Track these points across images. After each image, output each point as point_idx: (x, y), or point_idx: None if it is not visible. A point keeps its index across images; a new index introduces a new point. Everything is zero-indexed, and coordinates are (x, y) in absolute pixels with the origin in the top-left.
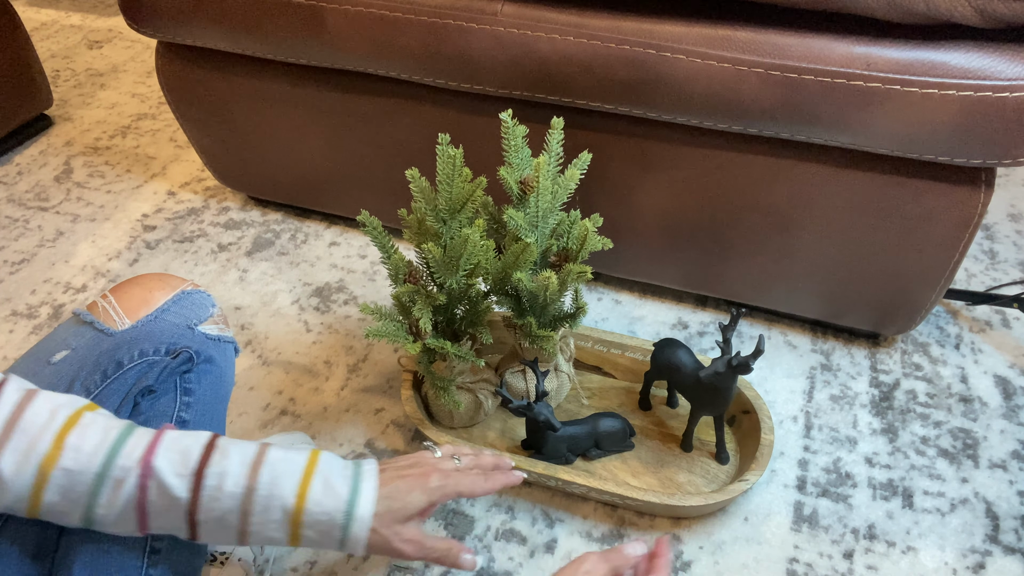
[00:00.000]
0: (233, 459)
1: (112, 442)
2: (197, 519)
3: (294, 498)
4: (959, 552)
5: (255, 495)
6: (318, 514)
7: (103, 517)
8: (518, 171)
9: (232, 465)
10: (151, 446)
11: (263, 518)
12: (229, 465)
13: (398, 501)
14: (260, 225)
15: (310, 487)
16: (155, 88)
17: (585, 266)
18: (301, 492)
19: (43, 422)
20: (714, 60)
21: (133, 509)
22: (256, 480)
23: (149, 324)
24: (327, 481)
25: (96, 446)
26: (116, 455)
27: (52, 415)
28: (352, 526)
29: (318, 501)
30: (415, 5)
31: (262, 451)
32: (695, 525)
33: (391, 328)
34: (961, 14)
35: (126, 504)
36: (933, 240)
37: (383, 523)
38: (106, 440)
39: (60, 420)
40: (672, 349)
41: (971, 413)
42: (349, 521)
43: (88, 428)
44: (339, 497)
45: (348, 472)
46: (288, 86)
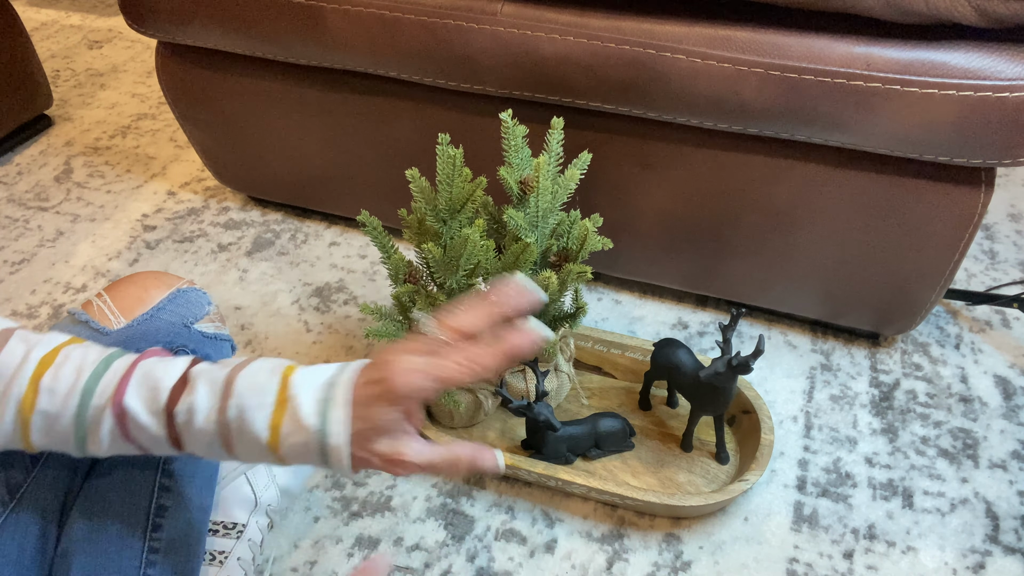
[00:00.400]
0: (200, 392)
1: (85, 381)
2: (184, 448)
3: (267, 432)
4: (959, 552)
5: (229, 429)
6: (294, 445)
7: (97, 451)
8: (518, 171)
9: (200, 399)
10: (122, 383)
11: (244, 448)
12: (196, 400)
13: (364, 422)
14: (260, 225)
15: (282, 423)
16: (155, 88)
17: (585, 266)
18: (273, 425)
19: (17, 362)
20: (714, 60)
21: (122, 440)
22: (226, 415)
23: (145, 323)
24: (294, 416)
25: (70, 387)
26: (90, 395)
27: (25, 357)
28: (330, 455)
29: (290, 433)
30: (415, 5)
31: (231, 378)
32: (695, 525)
33: (391, 328)
34: (961, 14)
35: (113, 438)
36: (933, 240)
37: (362, 446)
38: (79, 380)
39: (34, 359)
40: (672, 349)
41: (971, 413)
42: (325, 450)
43: (62, 367)
44: (309, 431)
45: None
46: (288, 86)
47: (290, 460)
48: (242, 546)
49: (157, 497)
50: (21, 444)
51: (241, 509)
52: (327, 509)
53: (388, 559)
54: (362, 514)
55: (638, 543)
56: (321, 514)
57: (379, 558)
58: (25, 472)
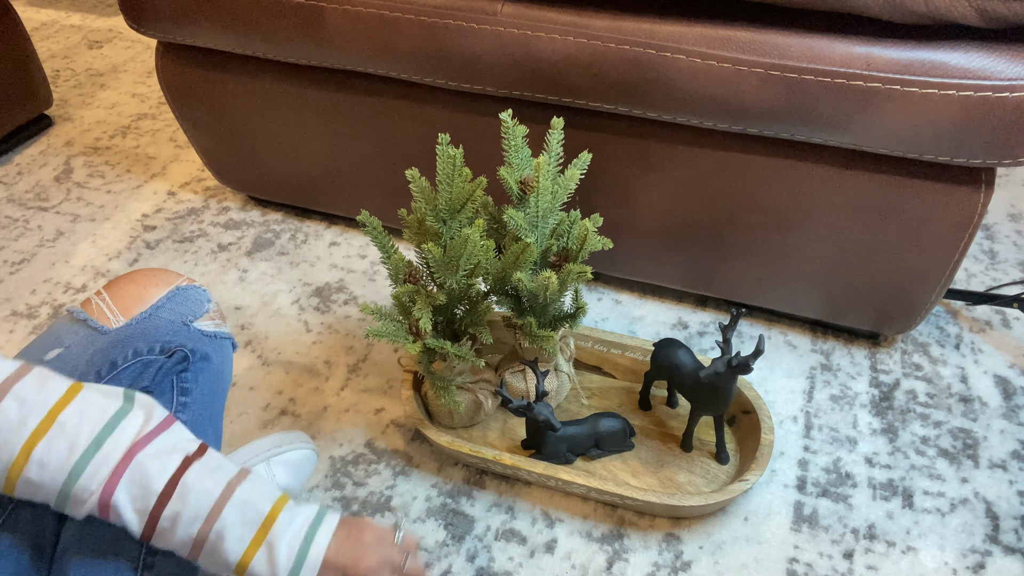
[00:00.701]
0: (189, 507)
1: (75, 462)
2: (149, 542)
3: (237, 560)
4: (959, 552)
5: (203, 547)
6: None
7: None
8: (518, 171)
9: (187, 513)
10: (113, 476)
11: (208, 563)
12: (184, 513)
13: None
14: (260, 225)
15: (255, 556)
16: (155, 88)
17: (585, 266)
18: (244, 559)
19: (13, 425)
20: (714, 60)
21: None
22: (207, 535)
23: (144, 322)
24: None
25: (60, 463)
26: (79, 475)
27: (22, 420)
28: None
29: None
30: (415, 5)
31: (223, 498)
32: (695, 525)
33: (391, 328)
34: (961, 14)
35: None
36: (933, 240)
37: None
38: (70, 459)
39: (30, 426)
40: (672, 349)
41: (971, 413)
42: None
43: (55, 441)
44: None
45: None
46: (288, 86)
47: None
48: None
49: None
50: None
51: None
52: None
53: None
54: (362, 514)
55: (638, 543)
56: None
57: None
58: None
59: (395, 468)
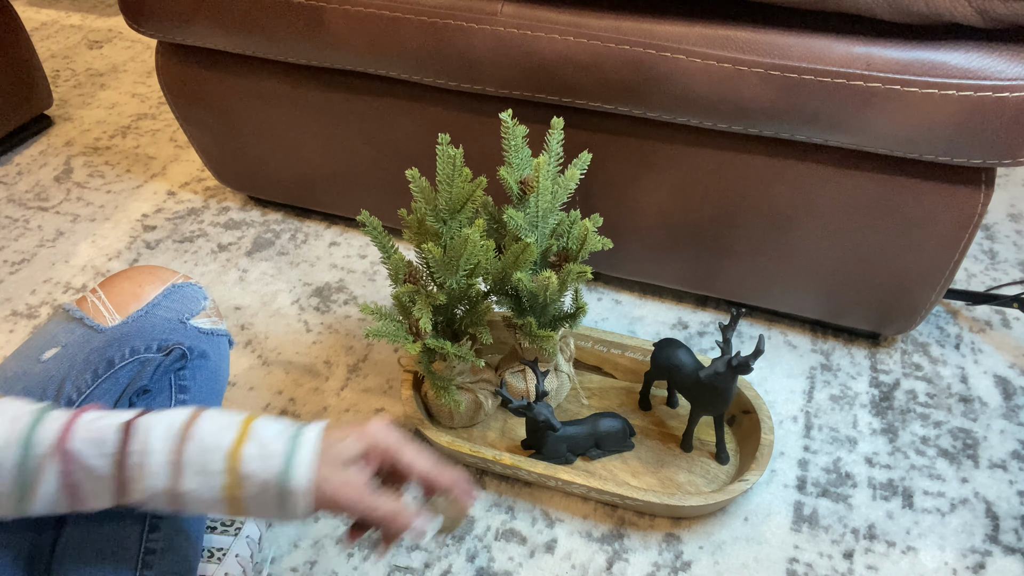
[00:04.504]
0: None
1: (24, 431)
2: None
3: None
4: (959, 552)
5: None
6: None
7: (33, 506)
8: (518, 171)
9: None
10: (65, 431)
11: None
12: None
13: (335, 451)
14: (260, 225)
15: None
16: (155, 88)
17: (585, 266)
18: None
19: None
20: (714, 60)
21: (63, 490)
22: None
23: (140, 320)
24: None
25: (6, 438)
26: (31, 445)
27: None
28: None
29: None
30: (415, 5)
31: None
32: (695, 525)
33: (391, 328)
34: (961, 14)
35: (54, 488)
36: (933, 240)
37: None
38: (15, 428)
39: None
40: (672, 349)
41: (971, 413)
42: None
43: None
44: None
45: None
46: (288, 86)
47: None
48: (240, 543)
49: None
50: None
51: None
52: None
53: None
54: None
55: (638, 543)
56: (321, 514)
57: None
58: None
59: None
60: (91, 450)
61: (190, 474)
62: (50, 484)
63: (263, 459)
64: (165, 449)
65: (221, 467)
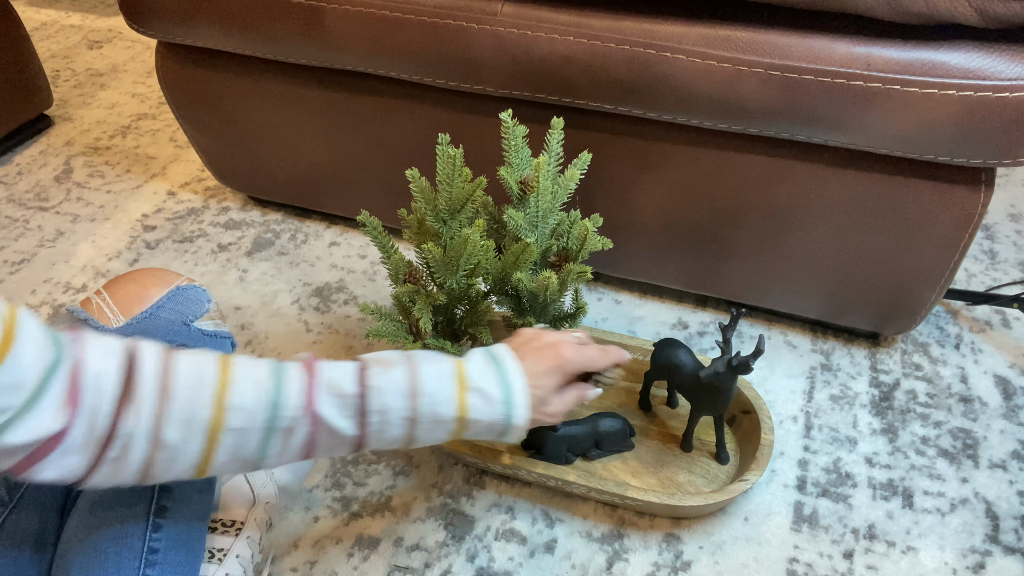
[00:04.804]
0: (389, 395)
1: (269, 394)
2: (363, 447)
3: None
4: (959, 552)
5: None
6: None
7: (269, 463)
8: (518, 171)
9: (391, 401)
10: (311, 393)
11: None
12: (388, 401)
13: (541, 389)
14: (260, 225)
15: (469, 401)
16: (155, 88)
17: (585, 266)
18: (460, 411)
19: (193, 386)
20: (714, 60)
21: (303, 449)
22: (417, 410)
23: (144, 321)
24: (482, 393)
25: (255, 401)
26: (277, 407)
27: (199, 378)
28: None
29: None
30: (415, 5)
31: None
32: (695, 525)
33: (391, 328)
34: (961, 14)
35: (295, 449)
36: (933, 240)
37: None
38: (261, 394)
39: (211, 381)
40: (672, 349)
41: (971, 413)
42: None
43: (240, 384)
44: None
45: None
46: (288, 86)
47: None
48: (241, 544)
49: (157, 498)
50: (195, 469)
51: (240, 507)
52: (327, 509)
53: None
54: (362, 514)
55: (638, 543)
56: (321, 514)
57: None
58: None
59: (395, 468)
60: (336, 412)
61: (424, 424)
62: (295, 443)
63: (486, 405)
64: (402, 407)
65: (452, 416)
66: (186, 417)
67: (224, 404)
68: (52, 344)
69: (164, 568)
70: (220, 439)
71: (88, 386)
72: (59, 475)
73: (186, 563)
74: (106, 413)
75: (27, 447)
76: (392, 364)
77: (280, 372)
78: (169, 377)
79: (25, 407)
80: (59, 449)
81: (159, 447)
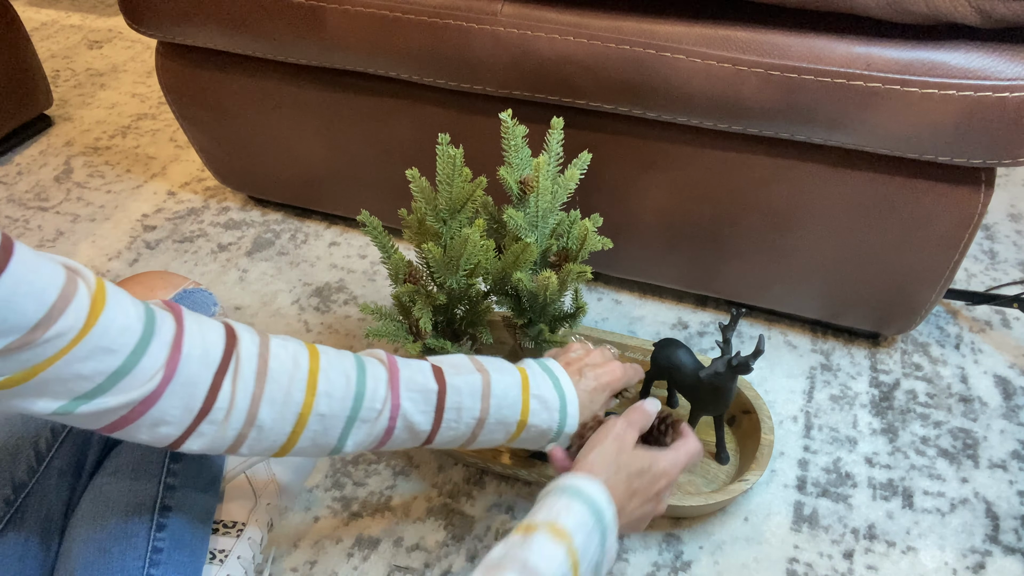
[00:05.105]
0: (464, 396)
1: (355, 385)
2: (431, 442)
3: (517, 419)
4: (959, 552)
5: (483, 424)
6: (536, 427)
7: (344, 451)
8: (518, 171)
9: (466, 401)
10: (394, 387)
11: (487, 437)
12: (463, 402)
13: (591, 408)
14: (260, 225)
15: (531, 407)
16: (155, 88)
17: (585, 266)
18: (523, 416)
19: (289, 370)
20: (714, 60)
21: (376, 441)
22: (487, 413)
23: None
24: (543, 400)
25: (344, 390)
26: (362, 398)
27: (295, 362)
28: (562, 435)
29: (539, 417)
30: (415, 5)
31: (484, 378)
32: (695, 525)
33: (391, 328)
34: (961, 14)
35: (372, 439)
36: (933, 240)
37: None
38: (350, 384)
39: (303, 366)
40: (672, 349)
41: (971, 413)
42: (560, 431)
43: (330, 371)
44: (552, 410)
45: (550, 382)
46: (288, 86)
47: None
48: (242, 544)
49: (162, 497)
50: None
51: (241, 508)
52: (327, 509)
53: None
54: (362, 514)
55: (638, 543)
56: (321, 514)
57: None
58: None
59: (395, 468)
60: (415, 407)
61: (489, 424)
62: (373, 433)
63: (545, 411)
64: (474, 407)
65: (515, 420)
66: (282, 399)
67: (316, 390)
68: (144, 314)
69: (168, 567)
70: (308, 423)
71: (188, 356)
72: (151, 438)
73: (189, 563)
74: (206, 384)
75: (121, 408)
76: (463, 366)
77: (363, 364)
78: (267, 357)
79: (119, 371)
80: (152, 415)
81: (253, 425)
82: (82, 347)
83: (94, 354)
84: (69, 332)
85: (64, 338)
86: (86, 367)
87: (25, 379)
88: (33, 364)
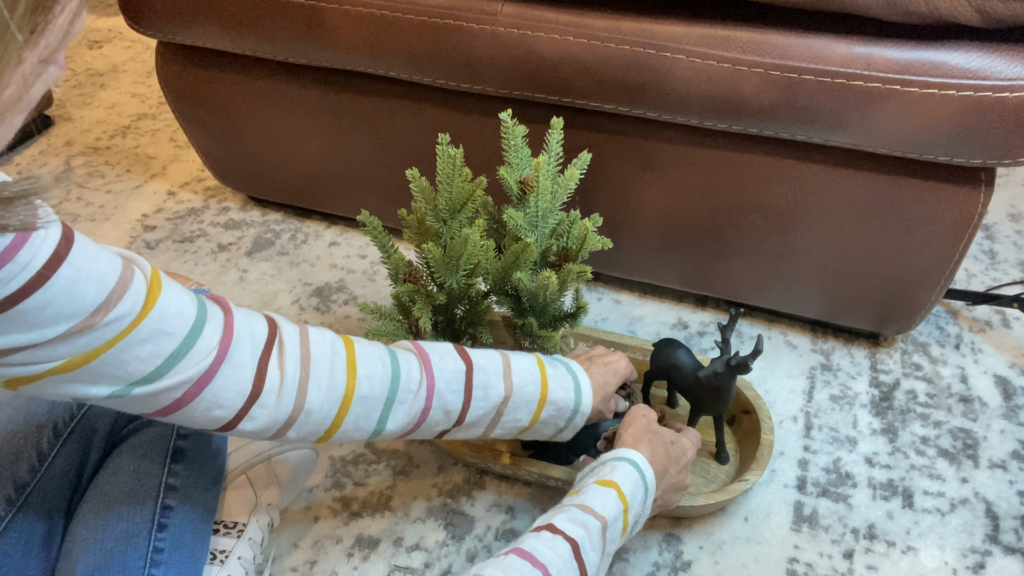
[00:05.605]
0: (491, 375)
1: (391, 368)
2: (461, 423)
3: (539, 396)
4: (959, 552)
5: (509, 401)
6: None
7: (385, 434)
8: (518, 171)
9: (492, 380)
10: (427, 368)
11: (512, 415)
12: (490, 380)
13: (604, 389)
14: (260, 225)
15: (550, 383)
16: (155, 88)
17: (585, 266)
18: (543, 392)
19: (329, 356)
20: (714, 60)
21: (413, 423)
22: (511, 390)
23: None
24: (558, 379)
25: (382, 372)
26: (399, 379)
27: (333, 349)
28: (579, 412)
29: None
30: (415, 5)
31: (505, 361)
32: (695, 525)
33: (391, 328)
34: (961, 14)
35: (410, 420)
36: (933, 240)
37: (596, 403)
38: (386, 367)
39: (341, 353)
40: (672, 349)
41: (971, 413)
42: (577, 408)
43: (366, 357)
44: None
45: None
46: (288, 86)
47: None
48: (243, 545)
49: (163, 497)
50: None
51: (242, 508)
52: (327, 509)
53: None
54: (362, 514)
55: (638, 543)
56: (321, 514)
57: None
58: (32, 471)
59: (395, 468)
60: (447, 386)
61: (515, 401)
62: (411, 413)
63: (562, 390)
64: (500, 386)
65: (537, 396)
66: (327, 383)
67: (356, 372)
68: (195, 301)
69: (169, 568)
70: (352, 406)
71: (239, 339)
72: (205, 421)
73: (190, 563)
74: (254, 367)
75: (175, 389)
76: (482, 350)
77: (392, 350)
78: (308, 344)
79: (176, 354)
80: (205, 396)
81: (302, 409)
82: (140, 330)
83: (152, 336)
84: (128, 316)
85: (123, 321)
86: (144, 350)
87: (85, 362)
88: (93, 347)
